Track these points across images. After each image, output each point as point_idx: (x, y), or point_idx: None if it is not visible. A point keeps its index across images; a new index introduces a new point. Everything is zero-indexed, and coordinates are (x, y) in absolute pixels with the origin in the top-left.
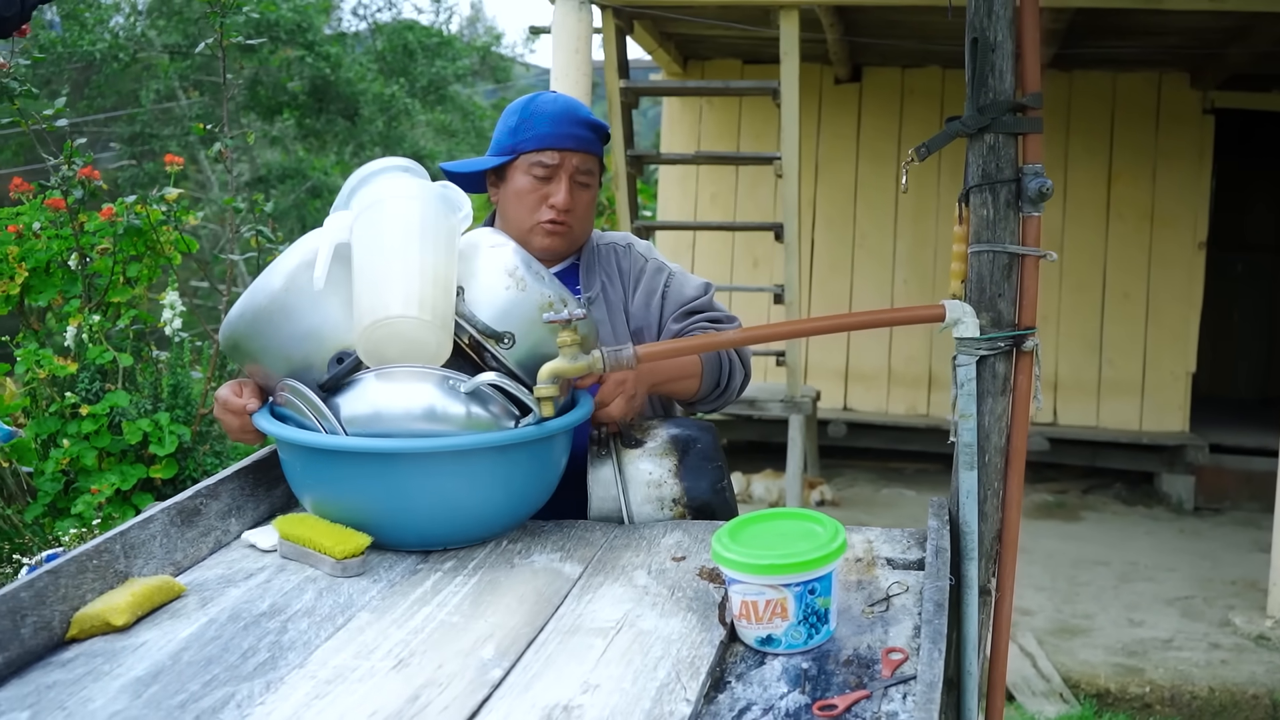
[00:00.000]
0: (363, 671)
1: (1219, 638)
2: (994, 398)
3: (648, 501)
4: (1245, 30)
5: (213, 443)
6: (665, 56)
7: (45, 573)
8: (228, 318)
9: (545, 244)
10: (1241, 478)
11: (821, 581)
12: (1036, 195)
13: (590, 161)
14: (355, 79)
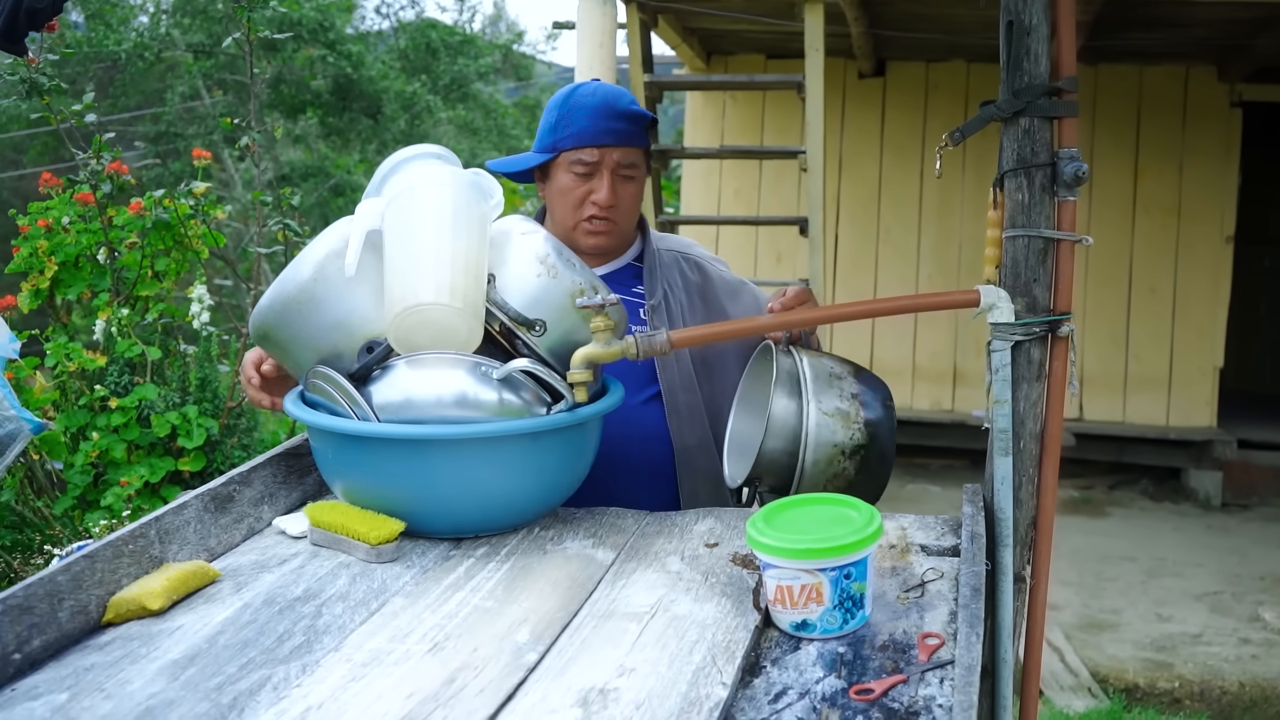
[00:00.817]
0: (398, 655)
1: (1249, 633)
2: (1029, 384)
3: (830, 415)
4: (1274, 21)
5: (240, 436)
6: (688, 52)
7: (82, 557)
8: (257, 308)
9: (591, 242)
10: (1269, 473)
11: (857, 566)
12: (1072, 179)
13: (632, 154)
14: (378, 77)
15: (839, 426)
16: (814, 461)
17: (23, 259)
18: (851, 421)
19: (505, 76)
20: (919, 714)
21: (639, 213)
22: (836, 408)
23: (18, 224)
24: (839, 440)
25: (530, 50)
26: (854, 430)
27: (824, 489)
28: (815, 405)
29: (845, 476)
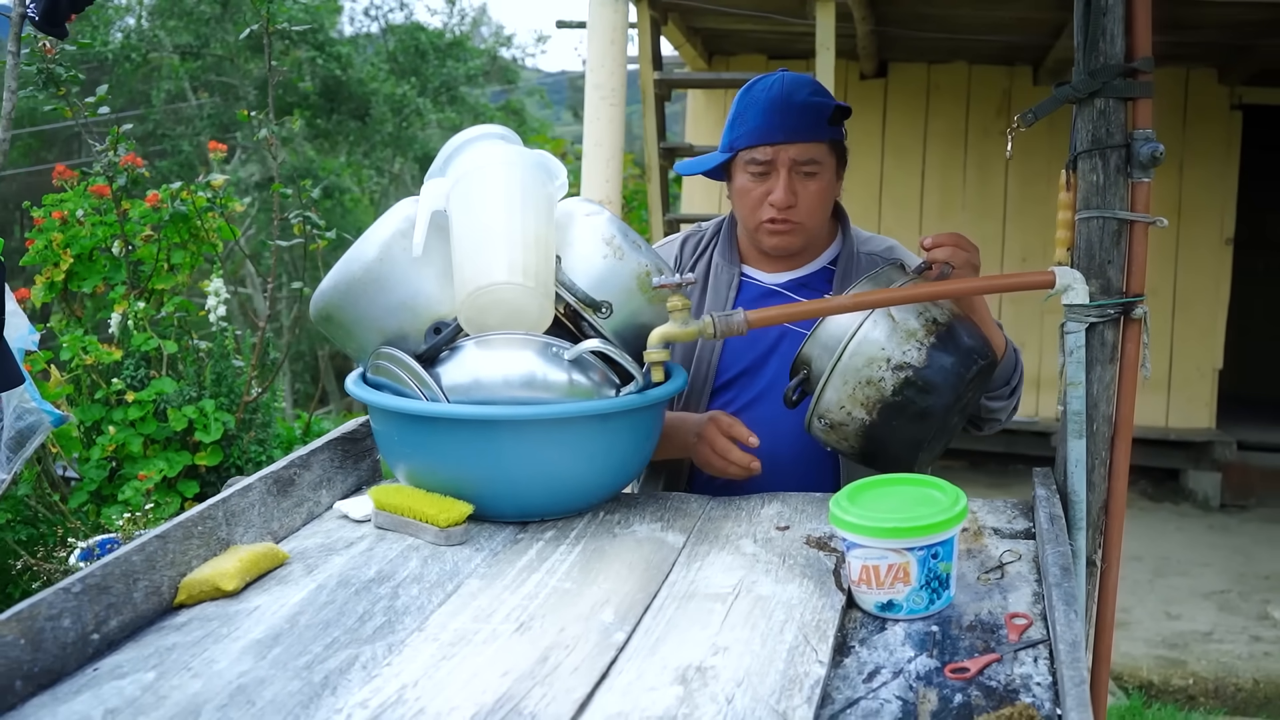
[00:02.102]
0: (485, 634)
1: (1259, 631)
2: (1103, 366)
3: (872, 344)
4: (1278, 23)
5: (256, 430)
6: (691, 52)
7: (154, 538)
8: (319, 289)
9: (773, 243)
10: (1268, 475)
11: (944, 546)
12: (1149, 160)
13: (812, 150)
14: (367, 79)
15: (898, 334)
16: (854, 353)
17: (38, 251)
18: (915, 339)
19: (493, 80)
20: (1018, 692)
21: (827, 211)
22: (907, 318)
23: (32, 216)
24: (888, 347)
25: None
26: (913, 347)
27: (852, 395)
28: (853, 346)
29: (879, 390)
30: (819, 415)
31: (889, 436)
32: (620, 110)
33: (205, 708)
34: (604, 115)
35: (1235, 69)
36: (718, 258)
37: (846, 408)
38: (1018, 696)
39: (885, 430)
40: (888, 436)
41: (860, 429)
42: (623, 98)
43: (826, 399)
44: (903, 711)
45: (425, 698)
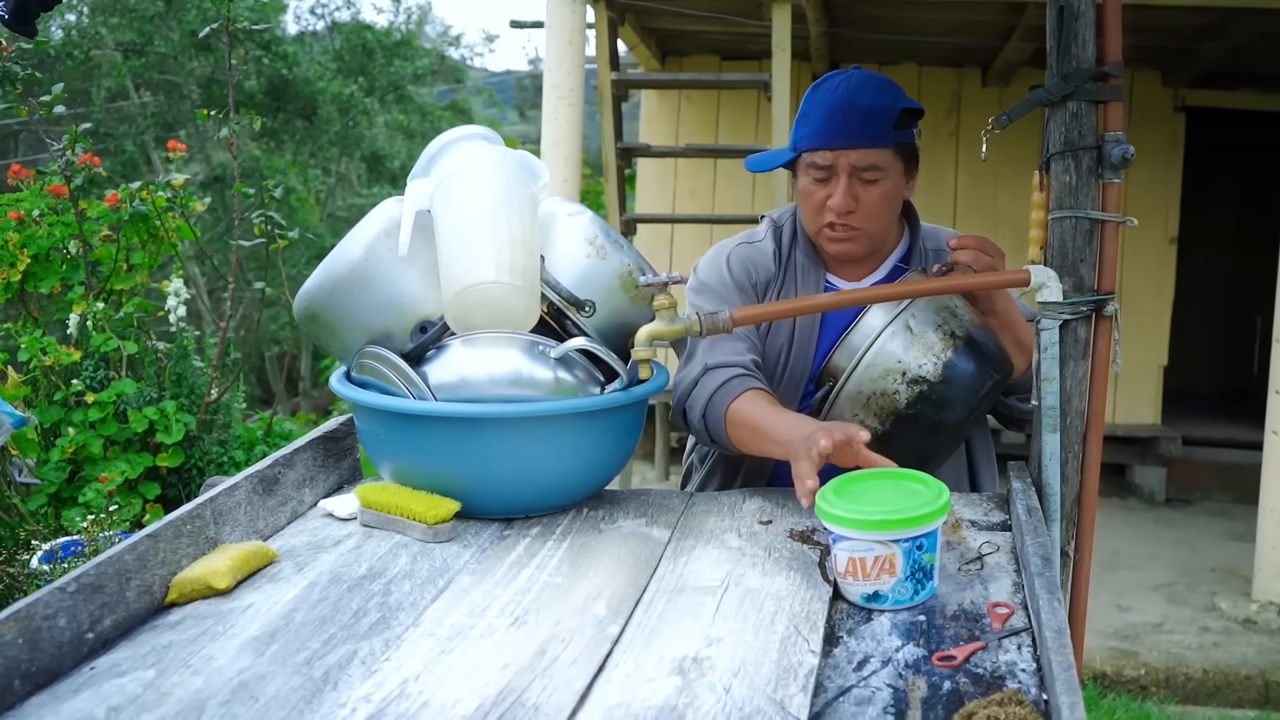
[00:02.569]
0: (481, 629)
1: (1207, 622)
2: (1075, 361)
3: (888, 356)
4: (1221, 27)
5: (218, 431)
6: (645, 52)
7: (146, 537)
8: (303, 289)
9: (834, 249)
10: (1211, 469)
11: (928, 538)
12: (1119, 161)
13: (874, 155)
14: (313, 79)
15: (916, 347)
16: (870, 363)
17: None
18: (932, 353)
19: (439, 79)
20: (1004, 679)
21: (892, 216)
22: (925, 332)
23: None
24: (905, 359)
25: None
26: (929, 361)
27: (866, 404)
28: (907, 315)
29: (893, 402)
30: (831, 420)
31: (899, 447)
32: (578, 110)
33: (209, 704)
34: (562, 115)
35: (1179, 72)
36: (803, 259)
37: (860, 416)
38: (1004, 683)
39: (896, 440)
40: (898, 447)
41: (871, 437)
42: (581, 98)
43: (840, 407)
44: (894, 699)
45: (428, 691)
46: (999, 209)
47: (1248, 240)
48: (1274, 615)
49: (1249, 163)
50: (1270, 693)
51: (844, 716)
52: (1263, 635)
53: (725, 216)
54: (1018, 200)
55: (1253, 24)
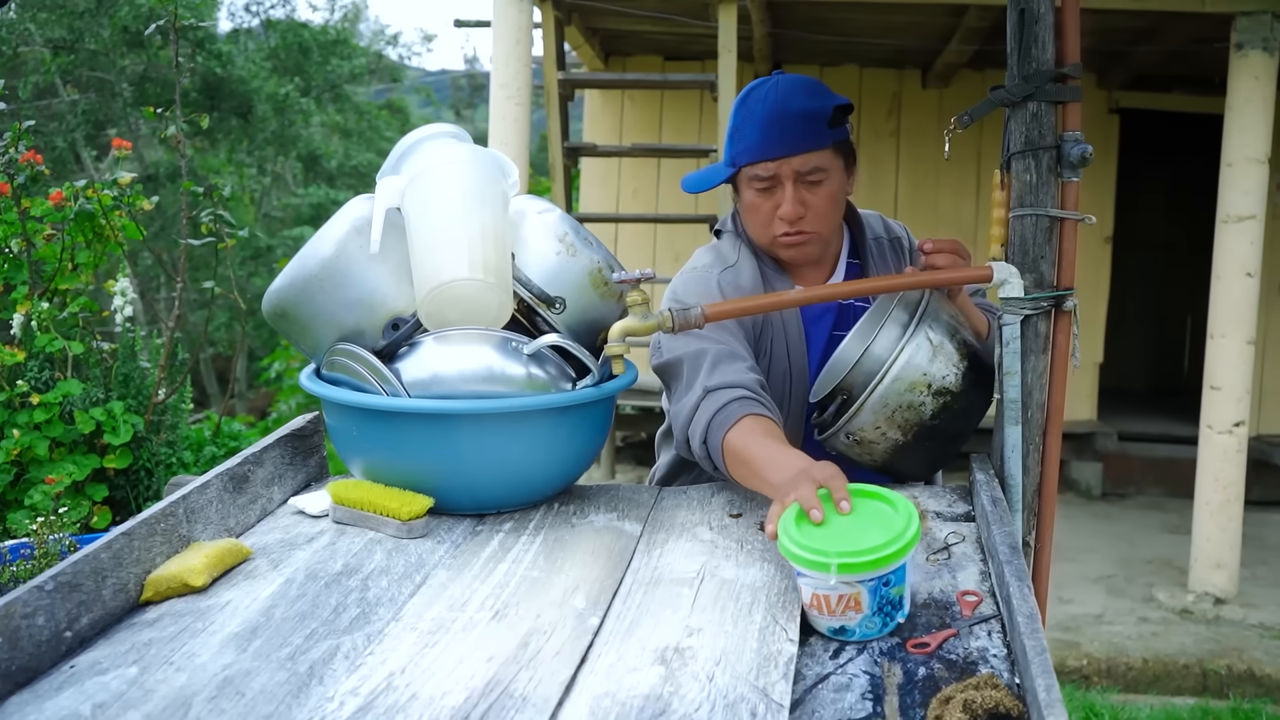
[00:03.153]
0: (463, 622)
1: (1146, 612)
2: (1036, 355)
3: (914, 369)
4: (1155, 30)
5: (166, 432)
6: (589, 52)
7: (121, 535)
8: (273, 286)
9: (790, 255)
10: (1146, 464)
11: (896, 574)
12: (1078, 160)
13: (815, 158)
14: (248, 77)
15: (939, 358)
16: (896, 377)
17: None
18: (952, 363)
19: (378, 78)
20: (976, 664)
21: (840, 214)
22: (944, 342)
23: None
24: (930, 371)
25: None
26: (951, 371)
27: (890, 417)
28: (925, 327)
29: (919, 414)
30: (847, 433)
31: (917, 455)
32: (526, 110)
33: (195, 700)
34: (509, 114)
35: (1113, 74)
36: (769, 271)
37: (882, 429)
38: (977, 668)
39: (915, 450)
40: (916, 455)
41: (891, 447)
42: (528, 97)
43: (861, 419)
44: (871, 685)
45: (415, 684)
46: (939, 208)
47: (1178, 240)
48: (1210, 605)
49: (1180, 164)
50: (1208, 681)
51: (824, 703)
52: (1199, 625)
53: (670, 216)
54: (958, 198)
55: (1184, 28)
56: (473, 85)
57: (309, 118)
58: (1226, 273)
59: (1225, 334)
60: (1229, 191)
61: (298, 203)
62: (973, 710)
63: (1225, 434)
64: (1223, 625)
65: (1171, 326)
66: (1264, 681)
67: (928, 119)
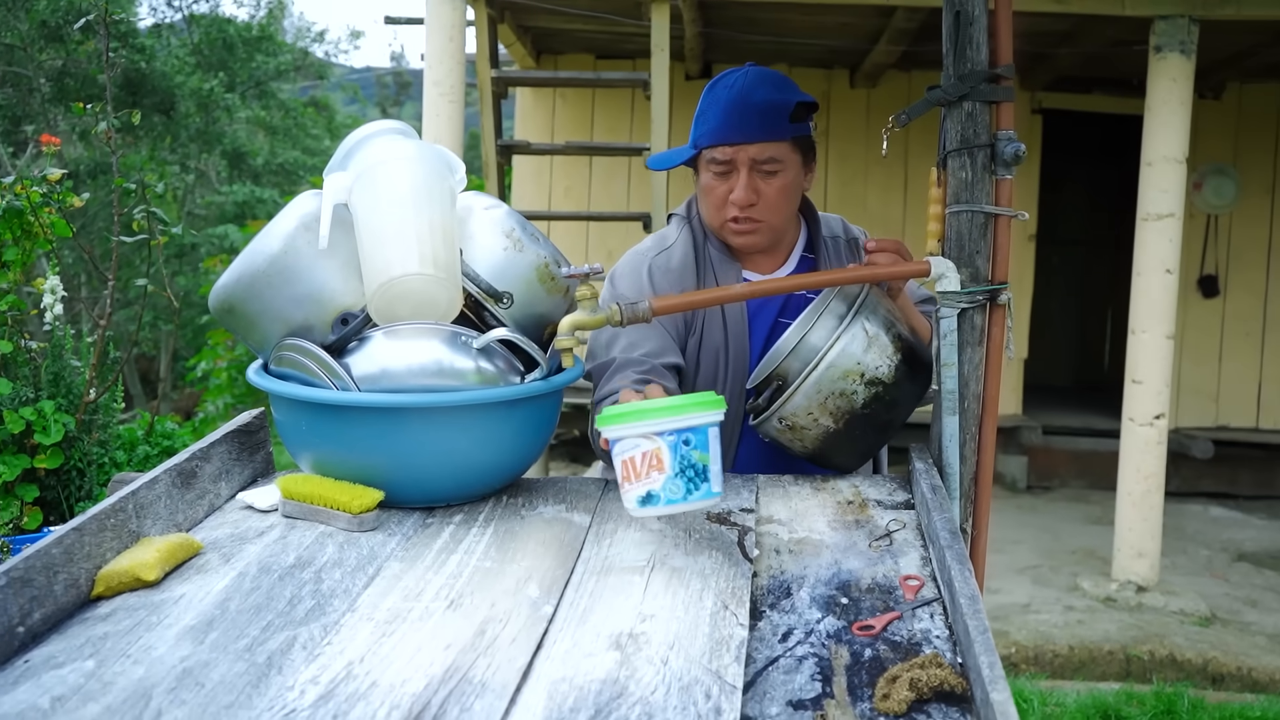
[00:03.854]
0: (419, 612)
1: (1071, 601)
2: (972, 348)
3: (849, 358)
4: (1076, 33)
5: (98, 432)
6: (521, 50)
7: (71, 530)
8: (220, 282)
9: (738, 241)
10: (1069, 457)
11: (696, 433)
12: (1011, 158)
13: (772, 149)
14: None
15: (873, 349)
16: (831, 364)
17: None
18: (886, 355)
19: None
20: (920, 645)
21: (792, 207)
22: (879, 334)
23: None
24: (864, 361)
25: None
26: (885, 363)
27: (823, 404)
28: (862, 318)
29: (850, 402)
30: (780, 418)
31: (847, 444)
32: (459, 107)
33: (155, 691)
34: (443, 112)
35: (1036, 75)
36: (717, 254)
37: (815, 414)
38: (921, 648)
39: (846, 438)
40: (846, 444)
41: (822, 434)
42: (461, 95)
43: (794, 404)
44: (819, 666)
45: (375, 672)
46: (868, 206)
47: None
48: (1132, 593)
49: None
50: (1132, 666)
51: (775, 684)
52: (1123, 612)
53: (604, 214)
54: (886, 195)
55: (1104, 31)
56: (399, 83)
57: (233, 114)
58: (1147, 269)
59: (1146, 329)
60: (1149, 190)
61: (222, 200)
62: (919, 688)
63: (1146, 426)
64: (1145, 612)
65: (1092, 322)
66: (1184, 666)
67: (856, 118)
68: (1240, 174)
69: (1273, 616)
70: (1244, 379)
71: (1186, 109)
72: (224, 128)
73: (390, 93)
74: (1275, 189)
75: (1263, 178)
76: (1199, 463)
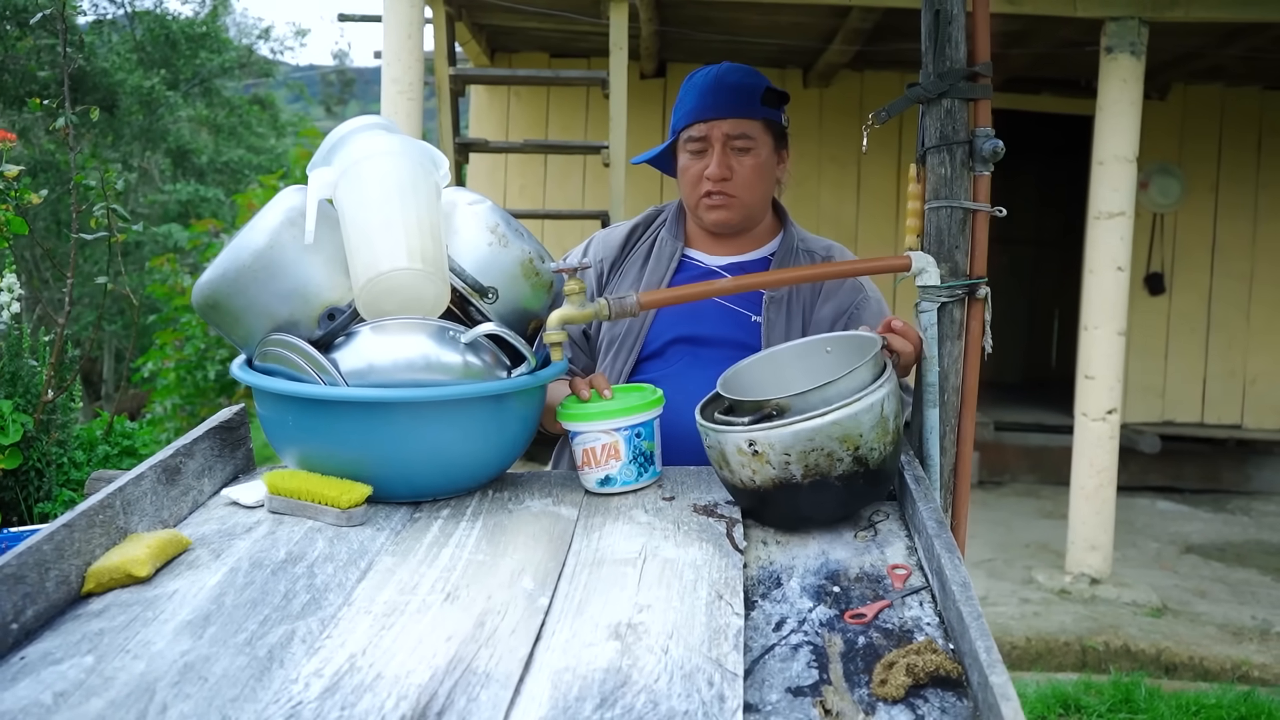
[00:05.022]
0: (416, 604)
1: (1026, 594)
2: (951, 341)
3: (856, 424)
4: (1028, 34)
5: (57, 431)
6: (475, 48)
7: (61, 527)
8: (205, 278)
9: (711, 217)
10: (1020, 452)
11: (645, 427)
12: (989, 155)
13: (744, 125)
14: (112, 69)
15: (878, 429)
16: (836, 422)
17: None
18: (884, 441)
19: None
20: (912, 632)
21: (765, 189)
22: (890, 420)
23: None
24: (866, 436)
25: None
26: (879, 448)
27: (804, 454)
28: (884, 391)
29: (829, 466)
30: (753, 440)
31: (788, 501)
32: (418, 105)
33: (158, 685)
34: (402, 109)
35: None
36: (664, 234)
37: (789, 457)
38: (913, 635)
39: (793, 496)
40: (787, 501)
41: (776, 480)
42: (420, 92)
43: (778, 435)
44: (815, 654)
45: (378, 664)
46: (821, 206)
47: (1046, 237)
48: (1086, 585)
49: (1047, 163)
50: (1087, 656)
51: (772, 671)
52: (1077, 604)
53: (562, 212)
54: (839, 194)
55: (1055, 32)
56: (342, 81)
57: (175, 111)
58: (1099, 267)
59: (1098, 325)
60: (1100, 189)
61: (165, 199)
62: (915, 674)
63: (1099, 421)
64: (1099, 604)
65: (1040, 320)
66: (1139, 656)
67: (809, 118)
68: (1185, 173)
69: (1221, 607)
70: (1189, 375)
71: (1137, 109)
72: (167, 125)
73: (334, 91)
74: (1219, 188)
75: (1207, 177)
76: (1146, 457)
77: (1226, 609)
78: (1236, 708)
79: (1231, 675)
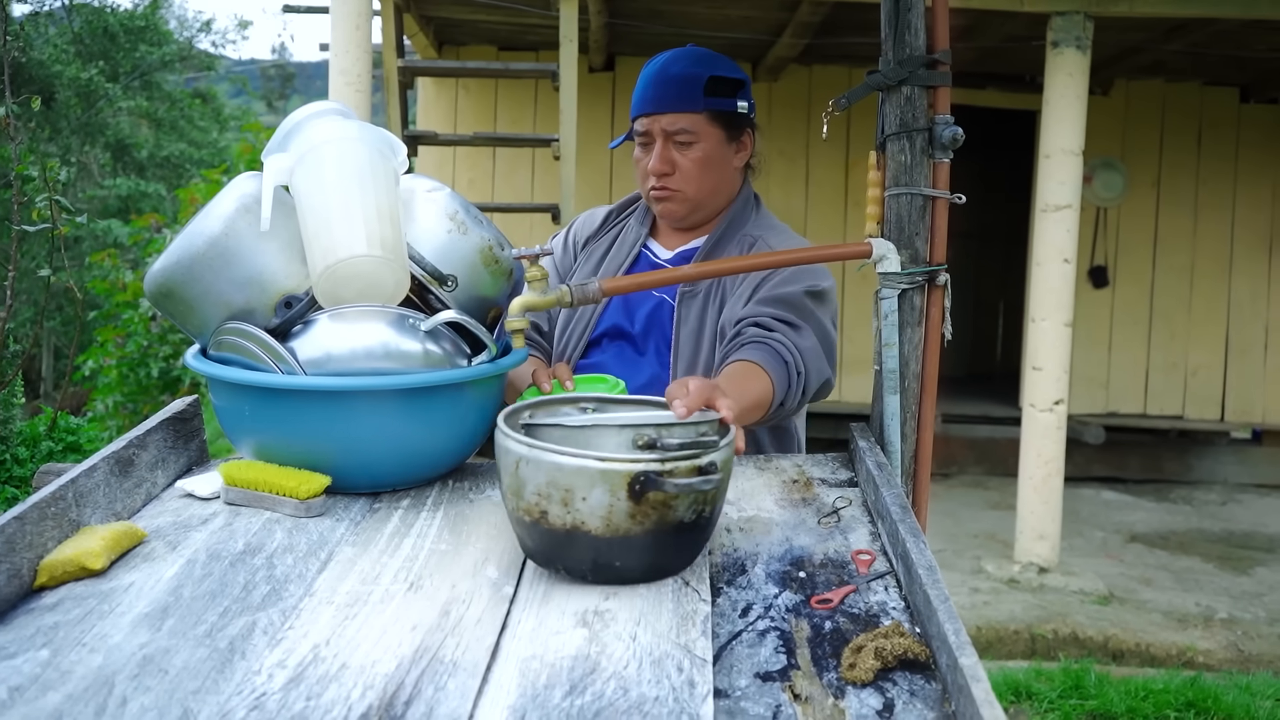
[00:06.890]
0: (380, 594)
1: (976, 583)
2: (912, 328)
3: None
4: (974, 28)
5: None
6: (423, 40)
7: (13, 519)
8: (158, 266)
9: (658, 209)
10: (967, 444)
11: None
12: (949, 142)
13: (683, 120)
14: (49, 61)
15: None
16: None
17: None
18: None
19: (189, 66)
20: (879, 616)
21: (716, 181)
22: None
23: None
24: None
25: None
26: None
27: None
28: None
29: (670, 514)
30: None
31: (649, 553)
32: (366, 96)
33: (117, 678)
34: (350, 101)
35: None
36: (632, 221)
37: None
38: (879, 620)
39: (645, 546)
40: (648, 552)
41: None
42: (368, 84)
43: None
44: (782, 639)
45: (343, 654)
46: (771, 199)
47: (990, 231)
48: (1034, 574)
49: (990, 157)
50: (1037, 645)
51: (741, 657)
52: (1026, 593)
53: (513, 205)
54: (788, 187)
55: (1001, 26)
56: (282, 76)
57: (115, 104)
58: (1046, 259)
59: (1046, 317)
60: (1047, 182)
61: (104, 194)
62: (884, 657)
63: (1046, 412)
64: (1047, 593)
65: (985, 314)
66: (1087, 643)
67: (758, 112)
68: (1128, 168)
69: (1166, 594)
70: (1132, 367)
71: (1082, 103)
72: (107, 119)
73: (275, 86)
74: (1160, 183)
75: (1149, 172)
76: (1091, 448)
77: (1171, 596)
78: (1183, 692)
79: (1177, 661)
